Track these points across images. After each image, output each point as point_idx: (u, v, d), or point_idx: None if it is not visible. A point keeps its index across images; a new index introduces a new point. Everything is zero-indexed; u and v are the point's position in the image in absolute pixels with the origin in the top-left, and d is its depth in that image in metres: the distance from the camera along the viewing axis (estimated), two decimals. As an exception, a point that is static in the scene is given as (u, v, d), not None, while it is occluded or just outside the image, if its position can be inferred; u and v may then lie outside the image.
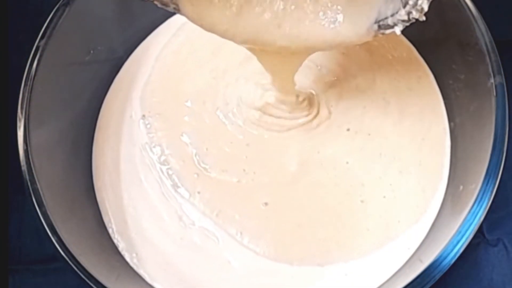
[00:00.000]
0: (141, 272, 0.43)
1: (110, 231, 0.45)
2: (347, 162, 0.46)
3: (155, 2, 0.36)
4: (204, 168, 0.47)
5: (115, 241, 0.45)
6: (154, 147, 0.48)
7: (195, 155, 0.48)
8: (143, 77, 0.51)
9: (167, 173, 0.47)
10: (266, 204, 0.45)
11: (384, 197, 0.45)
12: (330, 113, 0.48)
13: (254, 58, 0.41)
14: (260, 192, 0.46)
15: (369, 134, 0.47)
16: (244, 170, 0.47)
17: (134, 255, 0.44)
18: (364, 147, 0.47)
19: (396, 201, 0.45)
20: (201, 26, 0.37)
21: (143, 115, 0.50)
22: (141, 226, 0.45)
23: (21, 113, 0.40)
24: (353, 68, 0.50)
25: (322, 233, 0.44)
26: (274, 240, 0.44)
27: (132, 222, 0.45)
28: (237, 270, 0.43)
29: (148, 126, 0.49)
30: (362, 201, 0.45)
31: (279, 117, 0.48)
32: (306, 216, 0.45)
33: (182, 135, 0.49)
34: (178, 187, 0.47)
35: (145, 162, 0.48)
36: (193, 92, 0.50)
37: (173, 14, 0.52)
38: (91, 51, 0.47)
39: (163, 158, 0.48)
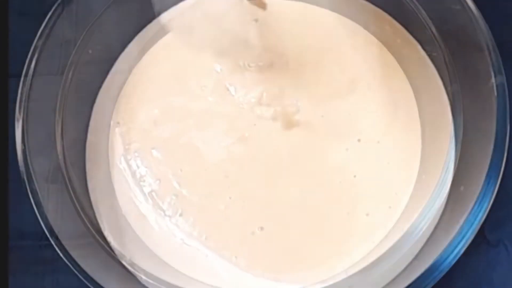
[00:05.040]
0: (137, 274, 0.42)
1: (105, 233, 0.44)
2: (355, 176, 0.44)
3: None
4: (184, 192, 0.43)
5: (110, 243, 0.43)
6: (130, 160, 0.45)
7: (171, 175, 0.44)
8: (121, 79, 0.48)
9: (146, 191, 0.44)
10: (262, 228, 0.42)
11: (390, 207, 0.43)
12: (341, 121, 0.45)
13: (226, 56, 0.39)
14: (253, 218, 0.43)
15: (379, 142, 0.44)
16: (230, 198, 0.43)
17: (128, 258, 0.43)
18: (374, 157, 0.44)
19: (401, 211, 0.43)
20: None
21: (118, 122, 0.46)
22: (134, 233, 0.44)
23: (19, 113, 0.40)
24: (365, 65, 0.47)
25: (326, 251, 0.42)
26: (274, 263, 0.42)
27: (124, 227, 0.44)
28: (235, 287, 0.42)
29: (123, 135, 0.46)
30: (367, 214, 0.43)
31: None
32: (309, 236, 0.42)
33: (153, 150, 0.45)
34: (159, 206, 0.44)
35: (126, 174, 0.45)
36: (160, 99, 0.46)
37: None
38: (90, 51, 0.47)
39: (139, 174, 0.45)
